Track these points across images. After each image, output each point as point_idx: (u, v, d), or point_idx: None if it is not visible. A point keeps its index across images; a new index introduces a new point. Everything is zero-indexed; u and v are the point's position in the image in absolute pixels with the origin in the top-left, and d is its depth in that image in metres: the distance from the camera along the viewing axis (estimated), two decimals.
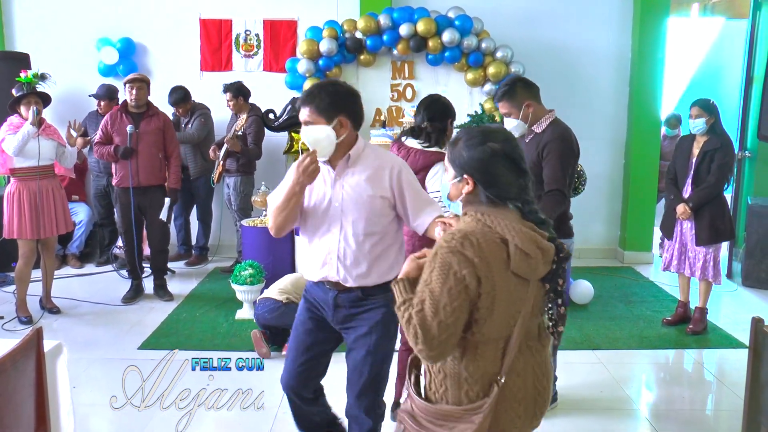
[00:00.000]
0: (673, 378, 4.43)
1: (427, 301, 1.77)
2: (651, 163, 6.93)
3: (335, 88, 2.54)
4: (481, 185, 1.86)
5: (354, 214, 2.50)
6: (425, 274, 1.82)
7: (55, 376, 2.35)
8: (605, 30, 6.87)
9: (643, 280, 6.34)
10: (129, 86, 5.32)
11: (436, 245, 1.83)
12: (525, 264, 1.82)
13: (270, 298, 4.45)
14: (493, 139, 1.87)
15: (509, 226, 1.82)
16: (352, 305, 2.59)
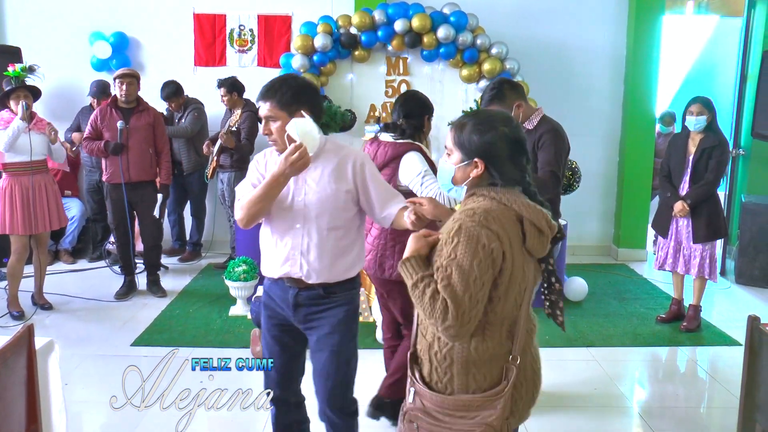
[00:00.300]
0: (666, 375, 4.44)
1: (454, 275, 1.76)
2: (645, 160, 6.93)
3: (296, 81, 2.48)
4: (492, 168, 1.88)
5: (318, 209, 2.45)
6: (446, 250, 1.80)
7: (47, 373, 2.32)
8: (600, 27, 6.86)
9: (637, 277, 6.35)
10: (119, 81, 5.28)
11: (457, 220, 1.82)
12: (538, 241, 1.87)
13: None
14: (502, 123, 1.91)
15: (524, 203, 1.86)
16: (313, 303, 2.52)
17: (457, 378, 1.87)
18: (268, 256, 2.56)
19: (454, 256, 1.77)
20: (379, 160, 3.15)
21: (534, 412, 3.59)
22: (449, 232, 1.82)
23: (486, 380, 1.87)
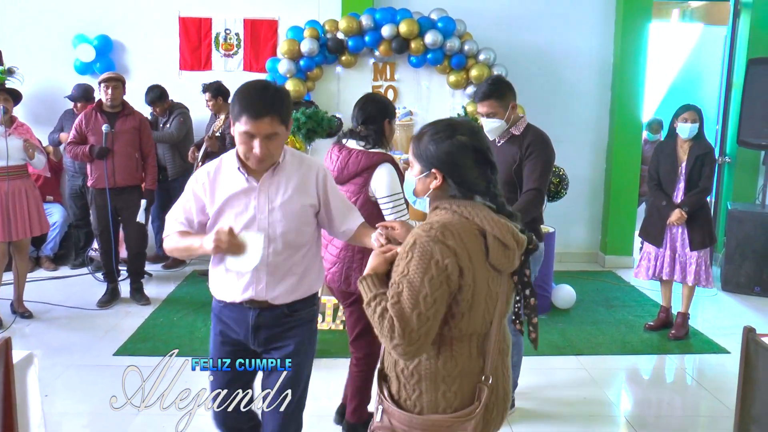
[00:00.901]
0: (655, 383, 4.42)
1: (404, 292, 1.70)
2: (632, 167, 6.94)
3: (286, 91, 2.32)
4: (450, 179, 1.82)
5: (283, 226, 2.30)
6: (400, 266, 1.74)
7: (26, 387, 2.25)
8: (588, 34, 6.87)
9: (624, 284, 6.34)
10: (104, 85, 5.19)
11: (413, 235, 1.76)
12: (503, 255, 1.79)
13: None
14: (461, 132, 1.83)
15: (487, 217, 1.79)
16: (276, 324, 2.38)
17: (426, 395, 1.80)
18: (224, 279, 2.36)
19: (407, 272, 1.71)
20: (351, 168, 3.05)
21: (522, 421, 3.61)
22: (405, 246, 1.76)
23: (456, 398, 1.80)
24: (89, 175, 5.29)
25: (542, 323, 5.07)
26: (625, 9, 6.67)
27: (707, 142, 4.74)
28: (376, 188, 3.02)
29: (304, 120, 5.69)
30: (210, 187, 2.30)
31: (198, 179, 2.33)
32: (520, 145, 3.40)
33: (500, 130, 3.43)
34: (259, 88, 2.20)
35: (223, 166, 2.33)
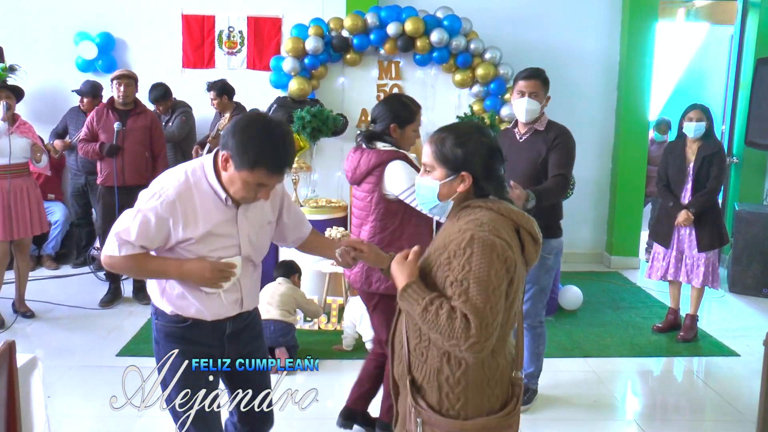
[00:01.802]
0: (664, 385, 4.36)
1: (472, 288, 1.66)
2: (638, 167, 6.89)
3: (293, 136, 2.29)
4: (482, 180, 1.84)
5: (259, 247, 2.27)
6: (458, 263, 1.70)
7: (29, 391, 2.19)
8: (594, 34, 6.82)
9: (630, 285, 6.29)
10: (116, 82, 5.13)
11: (466, 231, 1.73)
12: (534, 249, 1.85)
13: (277, 320, 4.29)
14: (484, 134, 1.88)
15: (518, 213, 1.83)
16: (245, 328, 2.36)
17: (472, 401, 1.78)
18: (195, 299, 2.19)
19: (469, 268, 1.68)
20: (362, 168, 3.03)
21: (531, 423, 3.56)
22: (459, 243, 1.72)
23: (498, 399, 1.81)
24: (99, 173, 5.24)
25: (549, 325, 5.00)
26: (632, 8, 6.61)
27: (716, 142, 4.68)
28: (392, 185, 2.96)
29: (308, 119, 5.62)
30: (184, 217, 2.08)
31: (166, 210, 2.06)
32: (545, 139, 3.46)
33: (534, 114, 3.48)
34: (282, 140, 2.03)
35: (194, 191, 2.10)
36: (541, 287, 3.58)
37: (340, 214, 5.46)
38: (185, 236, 2.09)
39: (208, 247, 2.13)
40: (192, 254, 2.13)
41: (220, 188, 2.10)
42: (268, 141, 1.99)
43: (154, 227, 2.06)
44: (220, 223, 2.13)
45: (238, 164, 2.00)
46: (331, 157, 6.50)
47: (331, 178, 6.47)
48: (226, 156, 2.02)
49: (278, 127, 2.05)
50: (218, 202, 2.12)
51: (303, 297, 4.64)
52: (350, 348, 4.52)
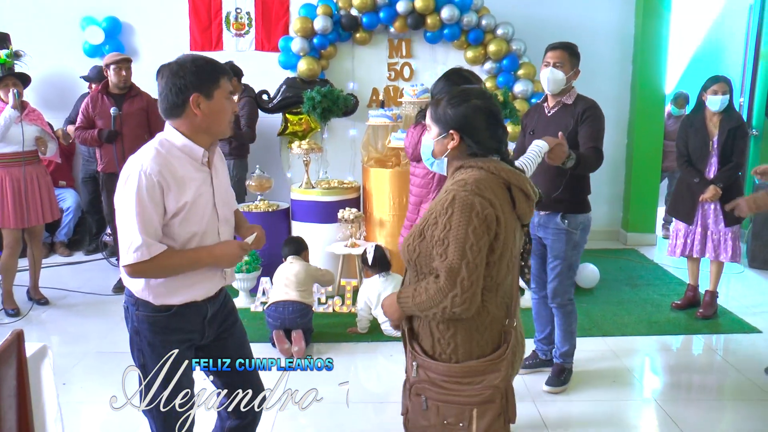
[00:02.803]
0: (684, 364, 4.28)
1: (450, 246, 1.81)
2: (654, 142, 6.77)
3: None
4: (467, 139, 1.95)
5: (229, 208, 2.30)
6: (439, 224, 1.84)
7: (40, 380, 2.17)
8: (608, 5, 6.68)
9: (647, 262, 6.20)
10: (116, 67, 5.07)
11: (449, 192, 1.85)
12: (526, 206, 1.96)
13: (296, 301, 4.27)
14: (474, 96, 1.99)
15: (509, 171, 1.94)
16: (223, 305, 2.36)
17: (462, 346, 1.92)
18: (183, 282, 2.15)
19: (450, 227, 1.82)
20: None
21: (549, 404, 3.51)
22: (443, 203, 1.85)
23: (488, 345, 1.93)
24: (99, 160, 5.21)
25: None
26: None
27: (738, 114, 4.57)
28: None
29: (319, 99, 5.56)
30: (175, 182, 2.06)
31: (153, 182, 2.01)
32: (573, 113, 3.42)
33: (559, 84, 3.43)
34: (203, 55, 2.17)
35: (170, 158, 2.08)
36: (568, 263, 3.53)
37: (353, 195, 5.40)
38: (180, 203, 2.06)
39: (198, 212, 2.12)
40: (183, 230, 2.10)
41: (194, 145, 2.12)
42: (205, 58, 2.12)
43: (151, 207, 2.01)
44: (201, 184, 2.14)
45: (207, 90, 2.07)
46: (343, 138, 6.43)
47: (343, 158, 6.40)
48: (194, 97, 2.05)
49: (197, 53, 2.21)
50: (194, 164, 2.13)
51: (316, 270, 4.61)
52: (365, 330, 4.48)
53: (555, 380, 3.69)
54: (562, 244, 3.47)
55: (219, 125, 2.13)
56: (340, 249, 5.10)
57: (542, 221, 3.47)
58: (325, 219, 5.25)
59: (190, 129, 2.11)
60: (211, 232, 2.19)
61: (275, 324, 4.26)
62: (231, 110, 2.15)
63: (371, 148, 5.50)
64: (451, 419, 1.91)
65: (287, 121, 6.22)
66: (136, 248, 2.00)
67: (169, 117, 2.13)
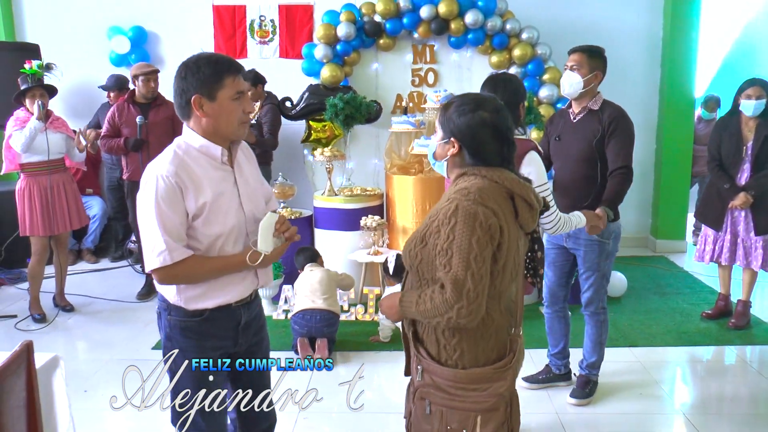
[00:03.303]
0: (715, 376, 4.16)
1: (454, 257, 1.79)
2: (684, 147, 6.62)
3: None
4: (466, 150, 1.93)
5: (258, 208, 2.21)
6: (444, 231, 1.81)
7: (51, 391, 2.16)
8: (635, 8, 6.56)
9: (677, 270, 6.06)
10: (144, 78, 5.12)
11: (452, 201, 1.83)
12: (529, 215, 1.93)
13: (323, 310, 4.25)
14: (484, 108, 1.92)
15: (513, 180, 1.91)
16: (254, 317, 2.29)
17: (468, 353, 1.90)
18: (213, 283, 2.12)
19: (453, 237, 1.80)
20: None
21: (573, 416, 3.43)
22: (446, 212, 1.83)
23: (493, 352, 1.92)
24: (124, 168, 5.25)
25: None
26: None
27: None
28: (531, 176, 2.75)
29: (341, 106, 5.54)
30: (192, 183, 2.02)
31: (172, 183, 1.98)
32: (600, 119, 3.34)
33: (575, 87, 3.34)
34: (213, 53, 2.10)
35: (188, 160, 2.05)
36: (602, 273, 3.47)
37: (376, 202, 5.37)
38: (200, 203, 2.02)
39: (221, 212, 2.06)
40: (207, 231, 2.05)
41: (212, 144, 2.07)
42: (211, 57, 2.04)
43: (170, 211, 1.98)
44: (222, 183, 2.08)
45: (209, 91, 2.01)
46: (367, 145, 6.41)
47: (367, 165, 6.37)
48: (195, 99, 2.01)
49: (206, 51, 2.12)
50: (213, 163, 2.09)
51: (336, 274, 4.59)
52: (387, 339, 4.44)
53: (580, 392, 3.61)
54: (595, 254, 3.40)
55: (226, 127, 2.07)
56: (362, 257, 5.06)
57: (572, 232, 3.39)
58: (347, 226, 5.22)
59: (201, 130, 2.07)
60: (238, 233, 2.13)
61: (301, 332, 4.24)
62: (240, 111, 2.07)
63: (394, 155, 5.47)
64: (454, 425, 1.90)
65: (311, 128, 6.22)
66: (159, 252, 1.98)
67: (183, 118, 2.10)
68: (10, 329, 4.75)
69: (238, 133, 2.11)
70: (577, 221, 2.95)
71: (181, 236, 2.01)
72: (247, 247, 2.13)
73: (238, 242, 2.14)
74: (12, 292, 5.58)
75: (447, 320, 1.80)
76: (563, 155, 3.46)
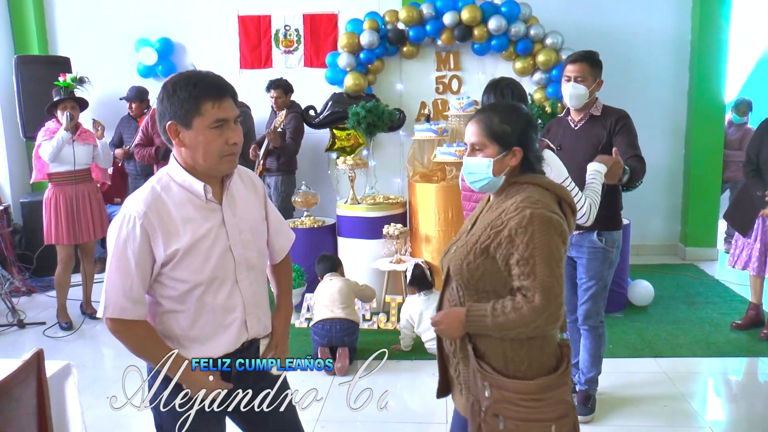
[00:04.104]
0: (745, 390, 4.06)
1: (538, 264, 1.80)
2: (714, 152, 6.50)
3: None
4: (528, 153, 1.95)
5: (253, 245, 1.96)
6: (520, 240, 1.80)
7: (64, 399, 2.19)
8: (662, 11, 6.46)
9: (707, 278, 5.93)
10: None
11: (522, 210, 1.83)
12: (573, 221, 1.98)
13: (343, 319, 4.26)
14: (524, 110, 2.00)
15: (557, 185, 1.96)
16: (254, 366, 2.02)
17: (535, 363, 1.90)
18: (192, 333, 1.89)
19: (534, 245, 1.80)
20: None
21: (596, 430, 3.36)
22: (519, 222, 1.82)
23: (551, 359, 1.94)
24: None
25: (618, 322, 4.79)
26: None
27: None
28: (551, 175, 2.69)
29: (363, 114, 5.55)
30: (162, 228, 1.80)
31: (139, 228, 1.77)
32: (604, 124, 3.32)
33: (582, 99, 3.31)
34: (200, 72, 1.84)
35: (165, 198, 1.83)
36: (603, 284, 3.39)
37: (399, 210, 5.36)
38: (170, 250, 1.79)
39: (198, 259, 1.82)
40: (182, 281, 1.83)
41: (194, 180, 1.84)
42: (190, 78, 1.80)
43: (131, 258, 1.77)
44: (205, 225, 1.84)
45: (184, 117, 1.78)
46: (392, 153, 6.41)
47: (391, 173, 6.37)
48: (170, 126, 1.79)
49: (191, 71, 1.86)
50: (196, 201, 1.85)
51: (356, 285, 4.60)
52: (408, 348, 4.42)
53: (583, 409, 3.50)
54: (598, 263, 3.34)
55: (205, 160, 1.81)
56: (385, 265, 5.06)
57: (575, 240, 3.33)
58: (370, 235, 5.22)
59: (182, 161, 1.86)
60: (223, 281, 1.88)
61: (321, 342, 4.25)
62: (221, 142, 1.80)
63: (417, 162, 5.46)
64: None
65: (335, 136, 6.24)
66: (106, 301, 1.80)
67: (168, 145, 1.88)
68: (39, 336, 4.85)
69: (220, 168, 1.84)
70: (597, 186, 2.91)
71: (134, 293, 1.79)
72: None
73: (222, 291, 1.89)
74: (42, 300, 5.69)
75: (533, 329, 1.82)
76: (566, 163, 3.40)
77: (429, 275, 4.54)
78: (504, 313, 1.82)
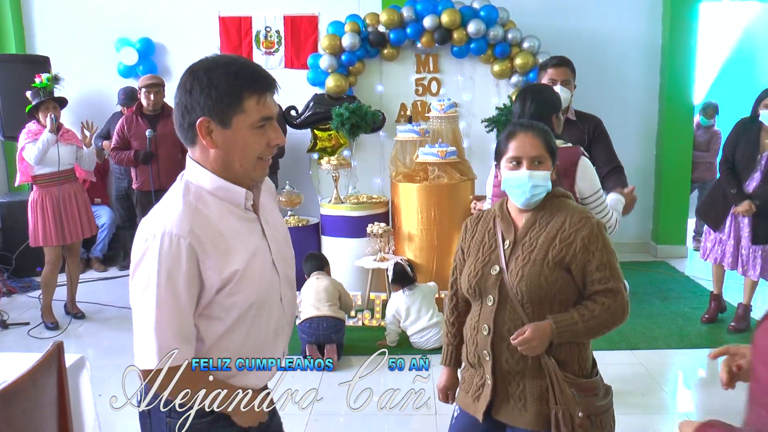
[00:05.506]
0: (717, 379, 4.19)
1: (614, 268, 1.94)
2: (684, 153, 6.73)
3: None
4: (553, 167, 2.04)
5: (291, 262, 1.76)
6: (595, 248, 1.90)
7: (79, 390, 2.26)
8: (634, 17, 6.68)
9: (678, 275, 6.15)
10: (146, 90, 5.22)
11: (585, 222, 1.93)
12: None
13: (329, 317, 4.32)
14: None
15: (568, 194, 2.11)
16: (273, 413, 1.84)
17: (591, 359, 2.06)
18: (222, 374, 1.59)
19: (606, 250, 1.93)
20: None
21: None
22: (590, 232, 1.92)
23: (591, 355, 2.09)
24: (134, 179, 5.34)
25: None
26: None
27: None
28: (585, 185, 2.62)
29: (347, 115, 5.64)
30: (215, 247, 1.49)
31: (186, 249, 1.44)
32: (582, 129, 3.40)
33: (566, 102, 3.35)
34: (239, 57, 1.56)
35: (204, 210, 1.52)
36: None
37: (382, 209, 5.46)
38: (226, 273, 1.50)
39: (253, 280, 1.55)
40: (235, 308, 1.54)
41: (232, 185, 1.54)
42: (229, 67, 1.50)
43: (181, 291, 1.45)
44: (251, 238, 1.58)
45: (222, 114, 1.47)
46: (372, 154, 6.50)
47: (372, 173, 6.46)
48: (201, 123, 1.48)
49: (224, 55, 1.58)
50: (237, 211, 1.57)
51: (344, 288, 4.66)
52: (394, 344, 4.51)
53: None
54: None
55: (240, 164, 1.52)
56: (369, 263, 5.15)
57: None
58: (354, 233, 5.31)
59: (208, 164, 1.55)
60: (271, 301, 1.63)
61: (309, 339, 4.32)
62: (263, 144, 1.53)
63: (399, 162, 5.56)
64: (608, 428, 2.03)
65: (316, 137, 6.31)
66: (161, 349, 1.46)
67: (185, 143, 1.58)
68: (24, 336, 4.83)
69: (253, 175, 1.56)
70: (620, 208, 2.84)
71: (187, 330, 1.49)
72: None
73: (273, 314, 1.64)
74: (23, 300, 5.67)
75: (619, 324, 1.97)
76: None
77: (410, 271, 4.65)
78: (594, 316, 1.91)
